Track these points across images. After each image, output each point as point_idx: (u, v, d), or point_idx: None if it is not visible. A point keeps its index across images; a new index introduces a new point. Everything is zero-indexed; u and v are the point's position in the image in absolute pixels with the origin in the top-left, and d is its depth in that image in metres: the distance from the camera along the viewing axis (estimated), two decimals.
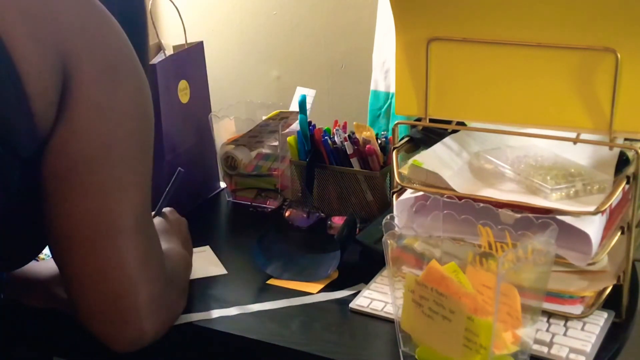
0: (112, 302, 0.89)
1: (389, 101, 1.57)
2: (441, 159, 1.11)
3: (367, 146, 1.34)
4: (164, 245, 1.12)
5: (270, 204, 1.47)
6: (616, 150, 1.07)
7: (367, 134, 1.36)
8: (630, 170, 1.00)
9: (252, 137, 1.47)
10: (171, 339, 1.05)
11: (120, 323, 0.90)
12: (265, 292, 1.16)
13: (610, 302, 1.04)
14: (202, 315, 1.09)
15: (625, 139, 1.04)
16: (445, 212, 1.03)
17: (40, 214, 0.90)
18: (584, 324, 1.01)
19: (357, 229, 1.27)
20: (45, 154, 0.87)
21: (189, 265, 1.16)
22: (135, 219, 0.90)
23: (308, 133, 1.40)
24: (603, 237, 1.01)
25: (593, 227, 0.98)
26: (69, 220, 0.88)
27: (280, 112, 1.46)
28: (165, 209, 1.23)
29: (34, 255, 1.03)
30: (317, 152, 1.40)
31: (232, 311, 1.10)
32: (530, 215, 0.97)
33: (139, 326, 0.90)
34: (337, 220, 1.34)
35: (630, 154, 1.04)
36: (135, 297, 0.89)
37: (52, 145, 0.86)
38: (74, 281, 0.91)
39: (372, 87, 1.60)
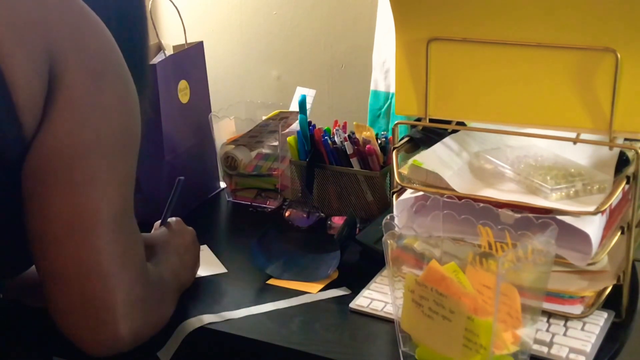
0: (86, 301, 0.85)
1: (389, 101, 1.57)
2: (441, 159, 1.11)
3: (367, 146, 1.34)
4: (159, 256, 1.09)
5: (270, 204, 1.47)
6: (616, 150, 1.06)
7: (367, 134, 1.36)
8: (630, 170, 1.00)
9: (252, 137, 1.47)
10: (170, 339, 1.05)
11: (94, 324, 0.85)
12: (265, 292, 1.16)
13: (610, 302, 1.04)
14: (201, 315, 1.08)
15: (625, 139, 1.04)
16: (445, 212, 1.03)
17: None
18: (584, 324, 1.01)
19: (357, 229, 1.27)
20: (26, 155, 0.86)
21: (178, 277, 1.10)
22: (111, 217, 0.87)
23: (308, 133, 1.40)
24: (603, 237, 1.01)
25: (593, 227, 0.98)
26: (42, 218, 0.86)
27: (280, 112, 1.46)
28: (171, 219, 1.19)
29: (28, 264, 0.99)
30: (317, 152, 1.40)
31: (232, 311, 1.10)
32: (530, 215, 0.97)
33: (115, 328, 0.85)
34: (337, 220, 1.34)
35: (630, 154, 1.04)
36: (111, 297, 0.85)
37: (32, 146, 0.86)
38: (48, 280, 0.87)
39: (372, 87, 1.60)
